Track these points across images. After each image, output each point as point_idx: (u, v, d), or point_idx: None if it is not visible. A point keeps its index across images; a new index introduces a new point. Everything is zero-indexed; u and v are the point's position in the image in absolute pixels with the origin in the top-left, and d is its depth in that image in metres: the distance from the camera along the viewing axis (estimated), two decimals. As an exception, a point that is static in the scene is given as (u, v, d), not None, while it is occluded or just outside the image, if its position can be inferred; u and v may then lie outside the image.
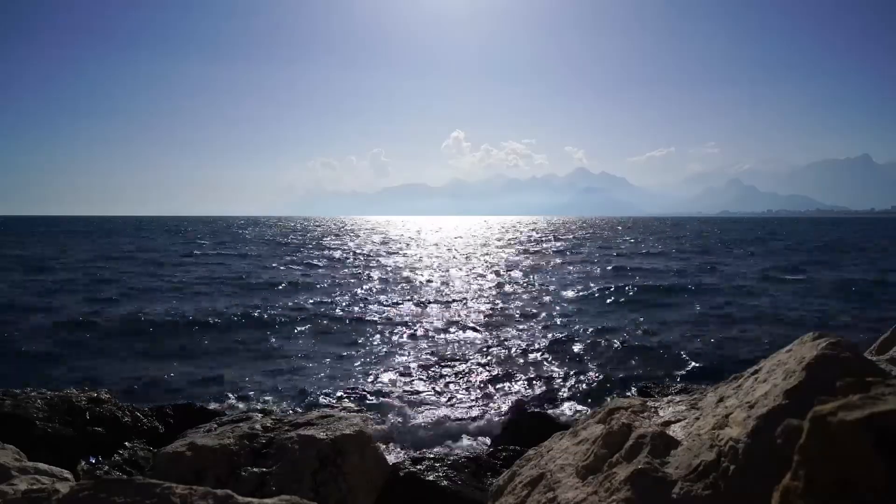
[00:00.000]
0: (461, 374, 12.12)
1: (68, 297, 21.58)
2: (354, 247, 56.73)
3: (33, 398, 5.95)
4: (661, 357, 13.48)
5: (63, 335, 15.34)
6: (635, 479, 2.34)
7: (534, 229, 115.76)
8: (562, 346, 14.68)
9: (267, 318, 17.97)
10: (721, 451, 2.24)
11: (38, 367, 12.28)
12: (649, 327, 17.00)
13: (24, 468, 3.17)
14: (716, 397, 2.68)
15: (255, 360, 13.48)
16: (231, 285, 25.92)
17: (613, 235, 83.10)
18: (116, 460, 5.32)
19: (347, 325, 17.27)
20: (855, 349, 2.34)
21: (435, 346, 14.72)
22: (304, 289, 25.11)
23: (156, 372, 12.36)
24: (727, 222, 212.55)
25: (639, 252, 48.37)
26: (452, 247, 57.85)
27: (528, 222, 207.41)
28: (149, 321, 17.13)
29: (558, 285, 26.19)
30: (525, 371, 12.35)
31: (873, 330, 12.32)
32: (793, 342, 2.58)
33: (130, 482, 2.52)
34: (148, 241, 65.13)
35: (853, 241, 66.17)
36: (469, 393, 10.92)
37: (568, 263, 38.24)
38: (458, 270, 33.38)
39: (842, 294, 23.13)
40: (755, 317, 18.53)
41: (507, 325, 17.24)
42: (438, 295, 23.27)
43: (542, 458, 3.05)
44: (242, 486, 4.14)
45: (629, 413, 2.85)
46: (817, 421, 1.10)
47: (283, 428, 4.79)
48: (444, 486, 4.67)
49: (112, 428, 5.96)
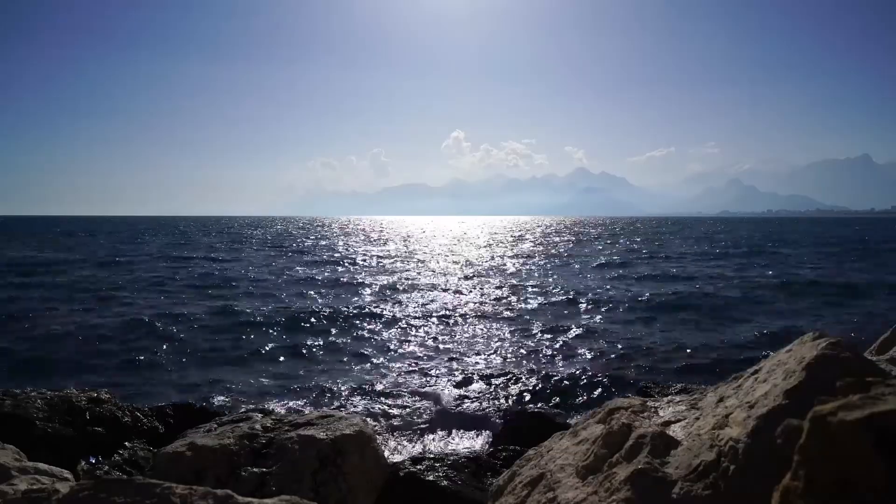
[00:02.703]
0: (461, 375, 12.11)
1: (70, 299, 21.58)
2: (355, 247, 56.74)
3: (33, 398, 5.95)
4: (661, 357, 13.47)
5: (64, 337, 15.34)
6: (635, 479, 2.34)
7: (543, 230, 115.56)
8: (562, 346, 14.68)
9: (267, 319, 17.97)
10: (721, 451, 2.24)
11: (36, 372, 12.25)
12: (650, 328, 17.00)
13: (24, 468, 3.18)
14: (716, 397, 2.68)
15: (256, 361, 13.48)
16: (231, 287, 25.92)
17: (608, 234, 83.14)
18: (116, 460, 5.33)
19: (347, 325, 17.27)
20: (855, 349, 2.35)
21: (435, 346, 14.72)
22: (304, 290, 25.11)
23: (156, 373, 12.36)
24: (729, 222, 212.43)
25: (639, 254, 48.34)
26: (453, 248, 57.85)
27: (531, 222, 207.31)
28: (149, 322, 17.12)
29: (558, 286, 26.20)
30: (525, 371, 12.35)
31: (873, 330, 12.30)
32: (793, 342, 2.58)
33: (130, 482, 2.52)
34: (148, 242, 65.09)
35: (856, 239, 66.11)
36: (469, 393, 10.91)
37: (568, 264, 38.24)
38: (459, 271, 33.38)
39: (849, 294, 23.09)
40: (757, 317, 18.53)
41: (507, 326, 17.24)
42: (438, 296, 23.28)
43: (542, 458, 3.05)
44: (242, 486, 4.14)
45: (629, 413, 2.85)
46: (817, 421, 1.10)
47: (283, 428, 4.79)
48: (444, 486, 4.67)
49: (112, 428, 5.97)
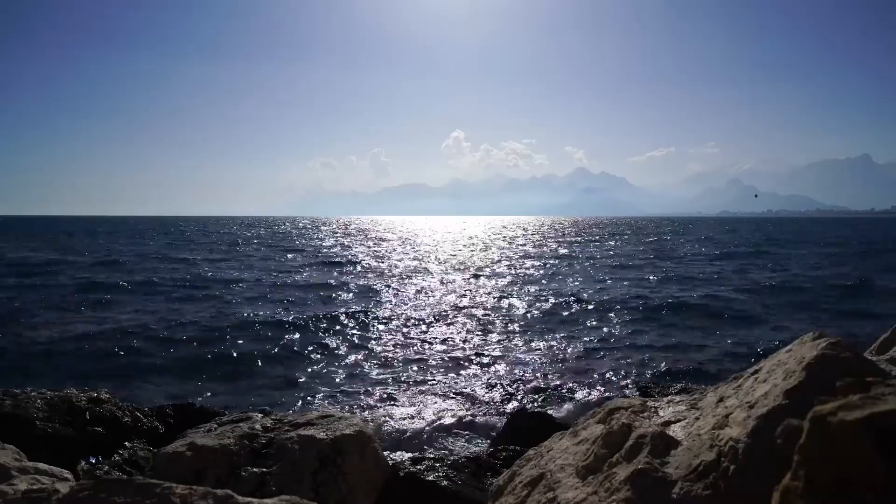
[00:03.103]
0: (461, 375, 12.12)
1: (71, 301, 21.58)
2: (355, 248, 56.72)
3: (33, 398, 5.94)
4: (661, 357, 13.47)
5: (63, 337, 15.34)
6: (635, 479, 2.34)
7: (544, 229, 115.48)
8: (562, 345, 14.68)
9: (267, 320, 17.97)
10: (721, 451, 2.24)
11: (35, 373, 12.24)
12: (650, 328, 16.99)
13: (24, 468, 3.17)
14: (716, 397, 2.68)
15: (255, 361, 13.48)
16: (230, 287, 25.92)
17: (609, 234, 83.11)
18: (116, 460, 5.32)
19: (347, 326, 17.26)
20: (855, 349, 2.34)
21: (435, 346, 14.72)
22: (304, 290, 25.10)
23: (155, 374, 12.36)
24: (729, 222, 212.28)
25: (639, 254, 48.33)
26: (454, 248, 57.83)
27: (533, 222, 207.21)
28: (149, 322, 17.13)
29: (559, 285, 26.19)
30: (525, 371, 12.35)
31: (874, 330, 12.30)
32: (793, 342, 2.58)
33: (130, 482, 2.52)
34: (147, 242, 65.06)
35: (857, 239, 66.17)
36: (469, 393, 10.92)
37: (569, 264, 38.23)
38: (459, 271, 33.38)
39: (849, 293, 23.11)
40: (757, 317, 18.53)
41: (507, 326, 17.24)
42: (438, 296, 23.27)
43: (542, 458, 3.05)
44: (242, 486, 4.14)
45: (629, 413, 2.85)
46: (817, 421, 1.10)
47: (283, 428, 4.79)
48: (444, 486, 4.66)
49: (112, 428, 5.96)
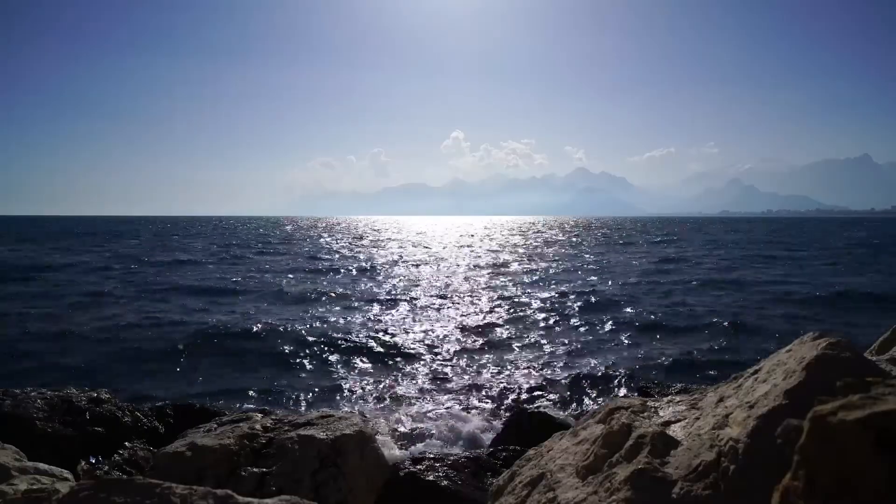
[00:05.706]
0: (461, 375, 12.12)
1: (72, 301, 21.58)
2: (355, 248, 56.73)
3: (33, 398, 5.95)
4: (661, 357, 13.47)
5: (62, 338, 15.34)
6: (635, 479, 2.34)
7: (546, 229, 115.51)
8: (562, 346, 14.68)
9: (266, 320, 17.97)
10: (721, 451, 2.24)
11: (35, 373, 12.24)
12: (651, 328, 16.99)
13: (24, 468, 3.18)
14: (716, 397, 2.68)
15: (255, 361, 13.48)
16: (230, 288, 25.92)
17: (609, 235, 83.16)
18: (116, 460, 5.33)
19: (346, 326, 17.27)
20: (855, 349, 2.34)
21: (434, 346, 14.72)
22: (303, 290, 25.10)
23: (155, 374, 12.36)
24: (730, 222, 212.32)
25: (640, 254, 48.34)
26: (454, 248, 57.83)
27: (534, 222, 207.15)
28: (149, 323, 17.13)
29: (559, 286, 26.19)
30: (525, 371, 12.35)
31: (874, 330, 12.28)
32: (793, 342, 2.58)
33: (130, 482, 2.52)
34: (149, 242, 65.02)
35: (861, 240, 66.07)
36: (469, 393, 10.92)
37: (569, 264, 38.22)
38: (460, 272, 33.38)
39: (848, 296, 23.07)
40: (757, 318, 18.52)
41: (507, 326, 17.24)
42: (438, 297, 23.27)
43: (542, 458, 3.05)
44: (242, 486, 4.14)
45: (629, 413, 2.85)
46: (817, 421, 1.10)
47: (283, 428, 4.79)
48: (444, 486, 4.67)
49: (112, 428, 5.96)
